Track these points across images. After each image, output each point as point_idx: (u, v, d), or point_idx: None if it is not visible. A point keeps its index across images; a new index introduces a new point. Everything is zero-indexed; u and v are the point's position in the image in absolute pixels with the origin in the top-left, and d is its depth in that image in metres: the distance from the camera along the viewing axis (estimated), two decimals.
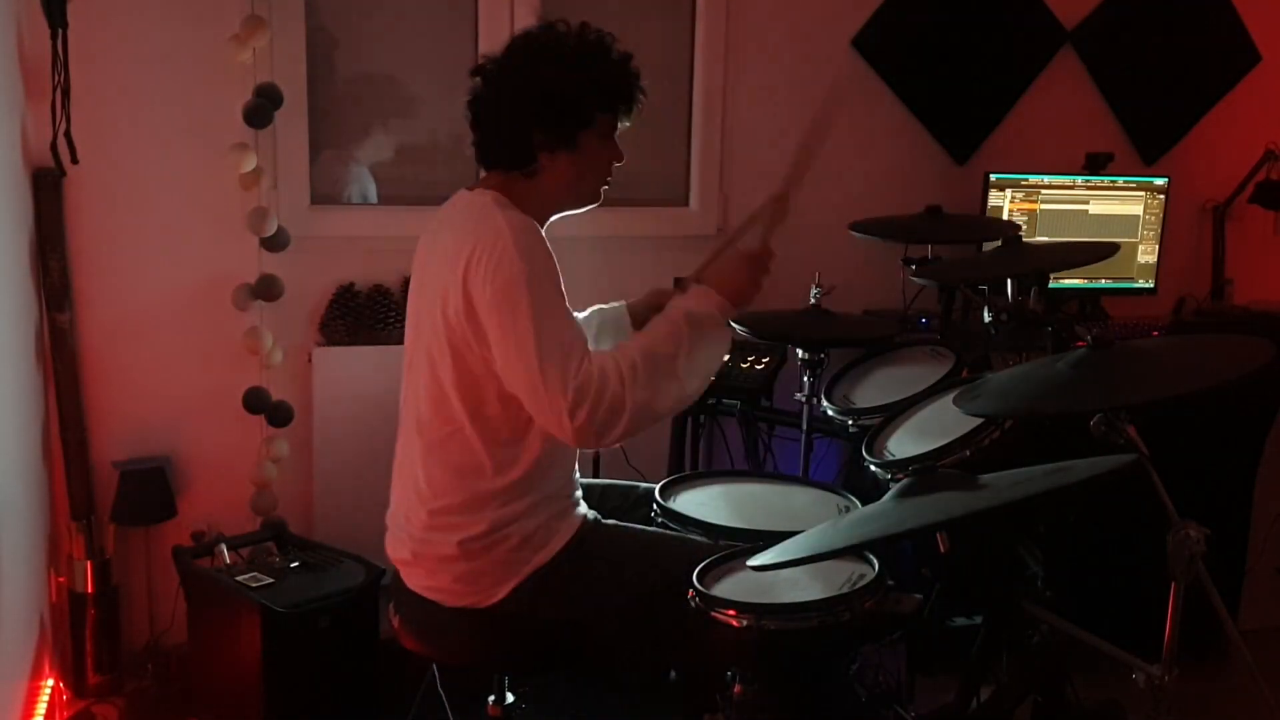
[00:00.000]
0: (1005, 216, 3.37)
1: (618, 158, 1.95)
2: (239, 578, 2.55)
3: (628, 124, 1.94)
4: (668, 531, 2.04)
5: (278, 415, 2.87)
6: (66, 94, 2.47)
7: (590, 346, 1.80)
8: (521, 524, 1.87)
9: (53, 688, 2.55)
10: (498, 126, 1.90)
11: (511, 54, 1.91)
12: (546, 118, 1.86)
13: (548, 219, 1.93)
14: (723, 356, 1.93)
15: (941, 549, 1.74)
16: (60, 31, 2.43)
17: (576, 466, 2.00)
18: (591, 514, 2.00)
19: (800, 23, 3.29)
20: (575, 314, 1.88)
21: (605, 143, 1.92)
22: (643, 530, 2.04)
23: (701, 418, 3.00)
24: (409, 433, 1.96)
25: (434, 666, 2.28)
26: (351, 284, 2.97)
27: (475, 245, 1.77)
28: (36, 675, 2.45)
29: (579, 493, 2.01)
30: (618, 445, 1.79)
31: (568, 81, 1.85)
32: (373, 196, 3.08)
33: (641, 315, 2.15)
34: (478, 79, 1.92)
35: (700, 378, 1.87)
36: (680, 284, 2.04)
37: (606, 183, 1.97)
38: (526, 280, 1.73)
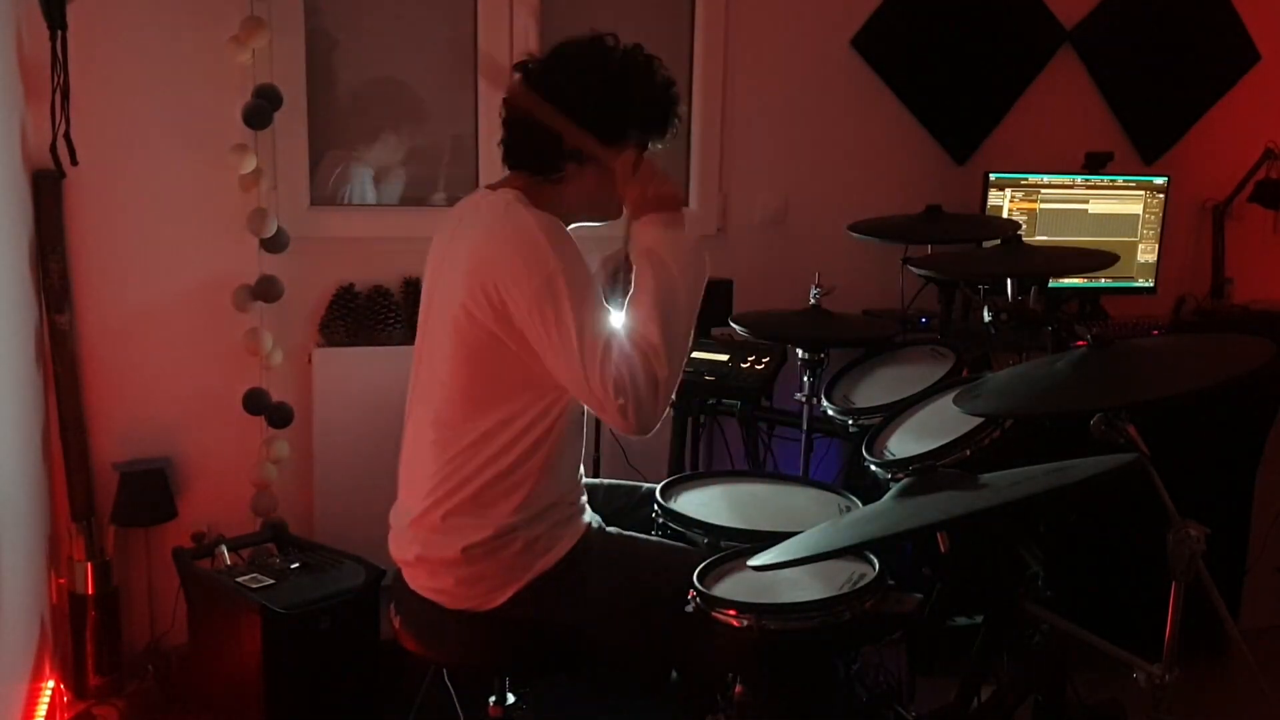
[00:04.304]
0: (1005, 216, 3.37)
1: None
2: (239, 579, 2.55)
3: (660, 146, 1.93)
4: (669, 541, 2.04)
5: (278, 416, 2.87)
6: (66, 95, 2.47)
7: None
8: (526, 530, 1.86)
9: (53, 689, 2.55)
10: (530, 128, 1.87)
11: (556, 59, 1.89)
12: (580, 129, 1.84)
13: (565, 227, 1.92)
14: (703, 257, 1.88)
15: (941, 549, 1.74)
16: (60, 33, 2.43)
17: (581, 469, 1.99)
18: (595, 521, 2.00)
19: (800, 23, 3.29)
20: None
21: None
22: (646, 539, 2.04)
23: (702, 418, 2.99)
24: (418, 432, 1.93)
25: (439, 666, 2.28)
26: (351, 285, 2.97)
27: (504, 243, 1.76)
28: (37, 677, 2.45)
29: (584, 498, 2.00)
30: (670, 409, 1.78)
31: (607, 97, 1.84)
32: (372, 197, 3.08)
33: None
34: (517, 75, 1.90)
35: (697, 292, 1.84)
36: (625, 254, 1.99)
37: None
38: (564, 278, 1.72)
